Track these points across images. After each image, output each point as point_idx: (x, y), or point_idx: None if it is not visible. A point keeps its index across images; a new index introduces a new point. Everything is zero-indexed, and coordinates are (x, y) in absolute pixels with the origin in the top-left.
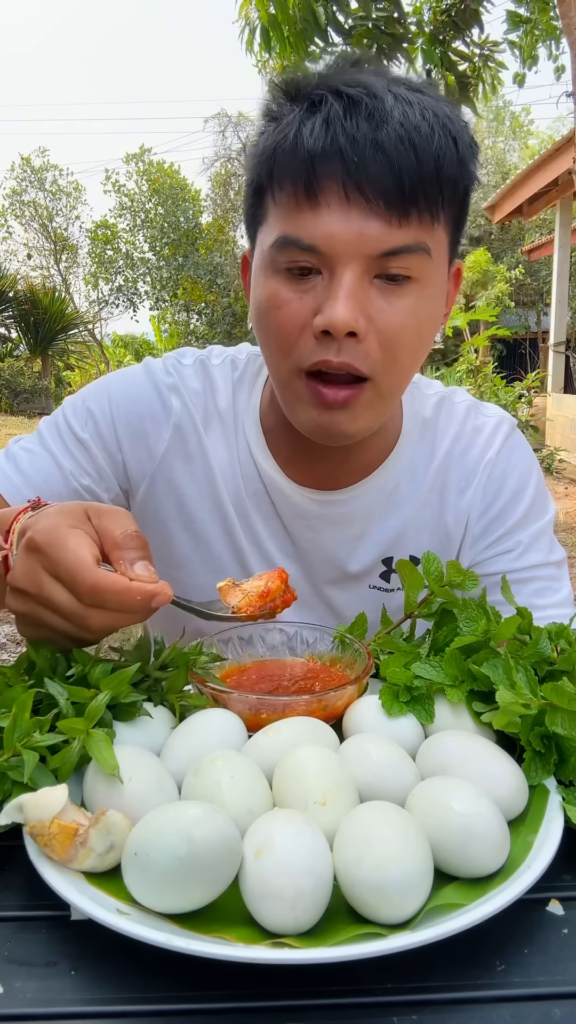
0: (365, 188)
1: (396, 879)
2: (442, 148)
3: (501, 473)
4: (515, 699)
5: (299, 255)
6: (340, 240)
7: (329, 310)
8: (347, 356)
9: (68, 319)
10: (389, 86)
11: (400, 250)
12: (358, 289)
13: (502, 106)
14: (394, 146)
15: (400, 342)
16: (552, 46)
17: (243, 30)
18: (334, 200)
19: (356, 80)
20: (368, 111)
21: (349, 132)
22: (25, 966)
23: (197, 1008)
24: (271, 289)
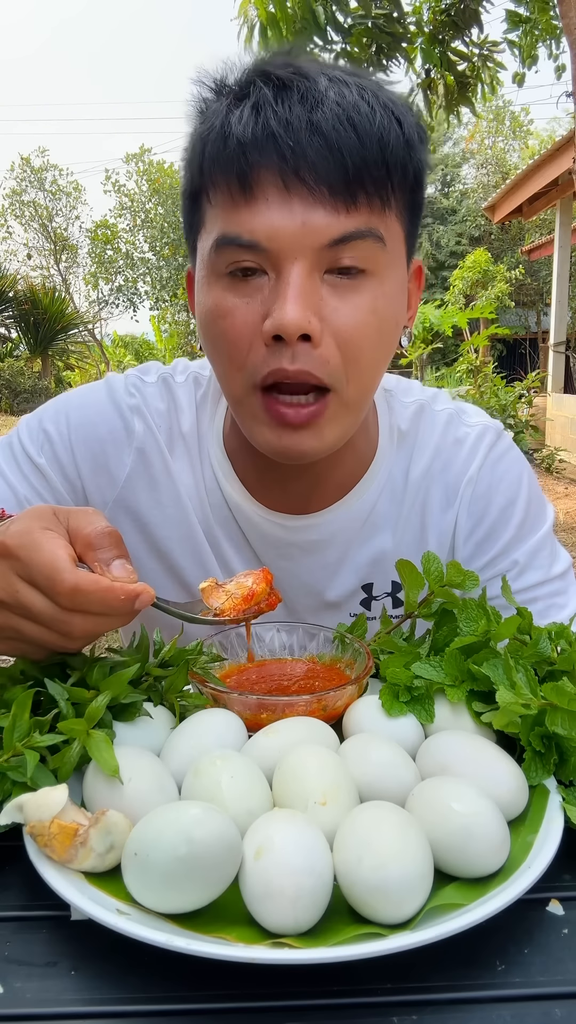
0: (305, 174)
1: (396, 879)
2: (385, 128)
3: (486, 489)
4: (515, 699)
5: (240, 254)
6: (283, 233)
7: (278, 312)
8: (303, 363)
9: (68, 319)
10: (322, 69)
11: (350, 236)
12: (308, 287)
13: (502, 106)
14: (332, 127)
15: (360, 343)
16: (552, 45)
17: (242, 28)
18: (272, 191)
19: (285, 62)
20: (301, 93)
21: (281, 116)
22: (25, 966)
23: (197, 1008)
24: (215, 297)
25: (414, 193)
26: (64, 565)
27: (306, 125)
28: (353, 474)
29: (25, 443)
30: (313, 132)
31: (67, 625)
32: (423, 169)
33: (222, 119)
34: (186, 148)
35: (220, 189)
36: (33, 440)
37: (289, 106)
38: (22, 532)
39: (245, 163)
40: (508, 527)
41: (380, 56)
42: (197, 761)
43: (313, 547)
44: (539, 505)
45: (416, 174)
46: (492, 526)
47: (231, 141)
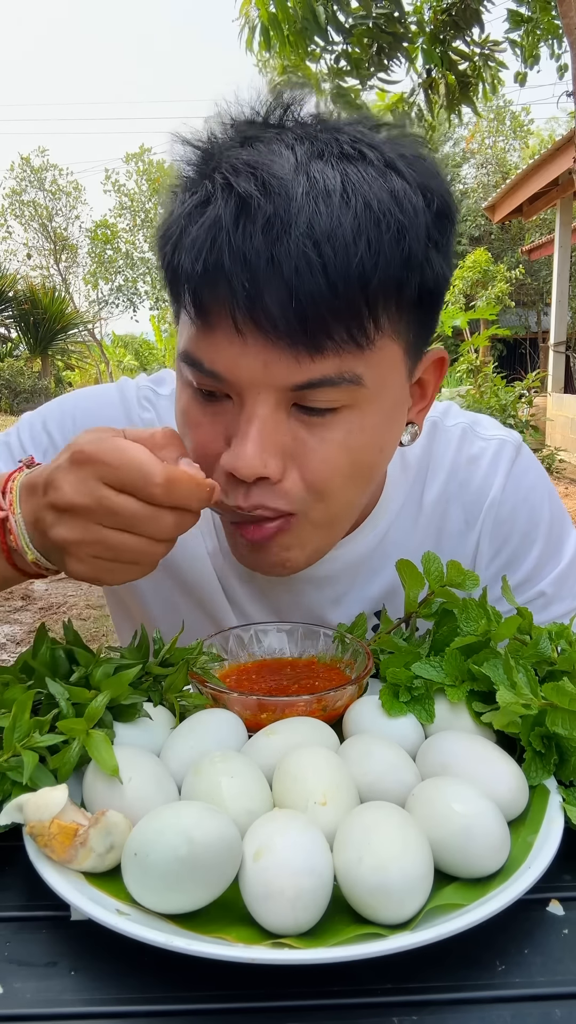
0: (261, 320)
1: (396, 879)
2: (373, 255)
3: (509, 513)
4: (515, 699)
5: (204, 379)
6: (243, 371)
7: (234, 451)
8: (259, 498)
9: (68, 319)
10: (309, 163)
11: (316, 383)
12: (270, 425)
13: (503, 106)
14: (295, 268)
15: (328, 480)
16: (554, 45)
17: (243, 29)
18: (227, 328)
19: (255, 163)
20: (266, 216)
21: (237, 248)
22: (25, 966)
23: (197, 1008)
24: (185, 404)
25: (421, 307)
26: (153, 459)
27: (265, 262)
28: (364, 510)
29: (26, 444)
30: (272, 272)
31: (157, 524)
32: (436, 276)
33: (179, 234)
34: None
35: (181, 304)
36: (35, 442)
37: (249, 234)
38: (97, 439)
39: (198, 295)
40: (530, 555)
41: (381, 56)
42: (197, 761)
43: (322, 582)
44: (562, 530)
45: (425, 289)
46: (515, 552)
47: (182, 269)
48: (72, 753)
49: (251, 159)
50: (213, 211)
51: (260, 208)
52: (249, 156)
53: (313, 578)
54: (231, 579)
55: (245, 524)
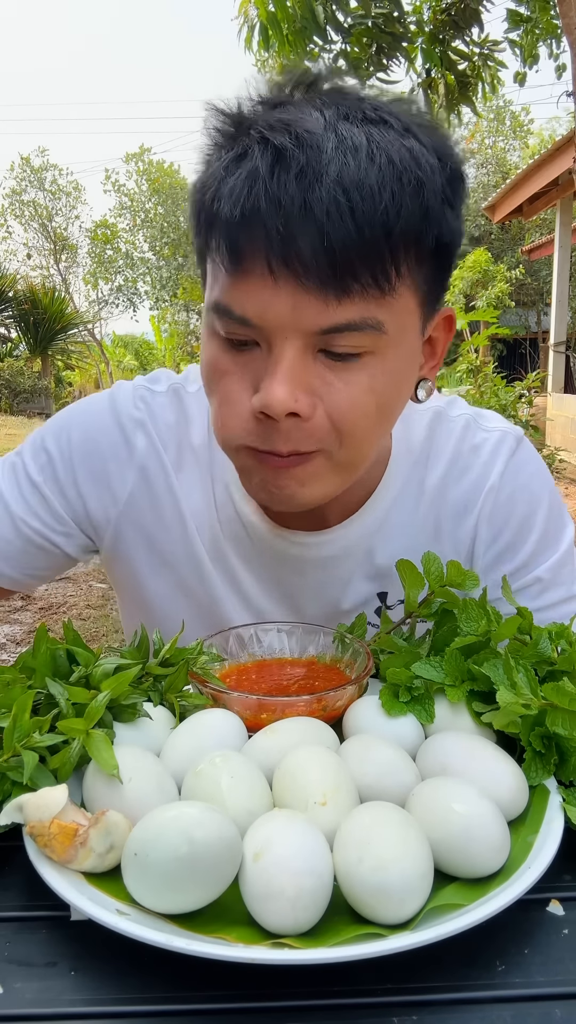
0: (293, 263)
1: (396, 880)
2: (396, 205)
3: (507, 499)
4: (515, 699)
5: (233, 326)
6: (272, 314)
7: (265, 391)
8: (294, 443)
9: (68, 319)
10: (336, 123)
11: (342, 328)
12: (299, 365)
13: (502, 106)
14: (326, 211)
15: (354, 421)
16: (553, 45)
17: (242, 28)
18: (261, 271)
19: (288, 120)
20: (299, 167)
21: (273, 194)
22: (25, 966)
23: (197, 1008)
24: (213, 354)
25: (438, 259)
26: None
27: (299, 207)
28: (366, 488)
29: (27, 461)
30: (305, 217)
31: None
32: (451, 231)
33: (216, 187)
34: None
35: (214, 253)
36: (35, 458)
37: (284, 183)
38: None
39: (234, 241)
40: (527, 542)
41: (380, 56)
42: (197, 761)
43: (327, 562)
44: (559, 520)
45: (441, 242)
46: (512, 539)
47: (220, 215)
48: (72, 753)
49: (284, 118)
50: (250, 163)
51: (294, 158)
52: (282, 115)
53: (318, 559)
54: (233, 563)
55: (270, 455)
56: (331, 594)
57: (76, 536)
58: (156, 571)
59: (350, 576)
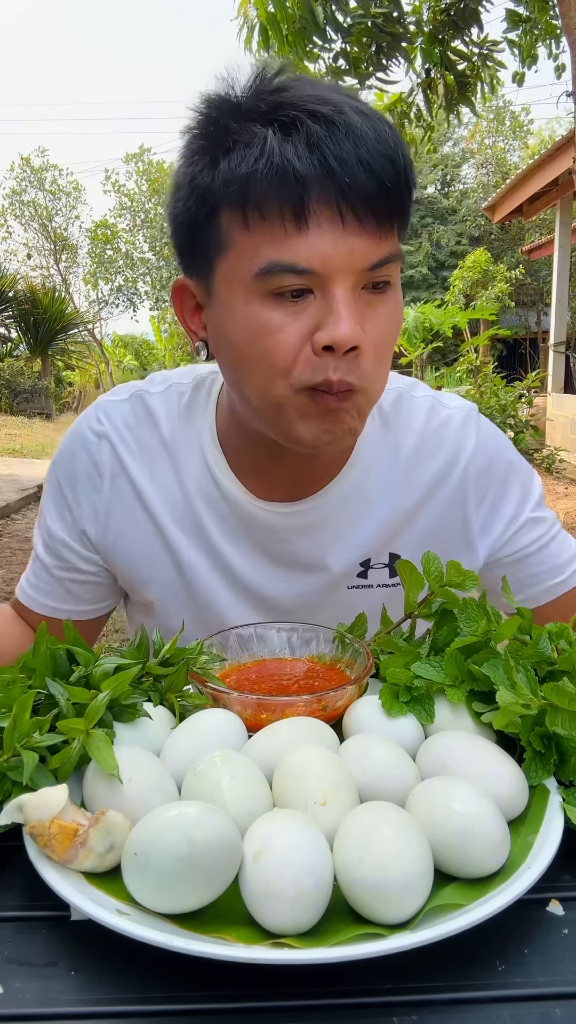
0: (359, 208)
1: (396, 879)
2: (404, 156)
3: (486, 463)
4: (515, 699)
5: (291, 279)
6: (334, 260)
7: (332, 327)
8: (344, 372)
9: (68, 319)
10: (347, 102)
11: (384, 260)
12: (354, 304)
13: (502, 106)
14: (378, 163)
15: (388, 348)
16: (552, 45)
17: (241, 28)
18: (326, 223)
19: (322, 98)
20: (346, 129)
21: (335, 154)
22: (25, 966)
23: (197, 1008)
24: (259, 316)
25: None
26: None
27: (356, 161)
28: (340, 456)
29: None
30: (364, 168)
31: None
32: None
33: (278, 152)
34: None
35: (270, 218)
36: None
37: (339, 142)
38: None
39: (305, 196)
40: (511, 493)
41: (380, 56)
42: (197, 761)
43: (309, 528)
44: (528, 470)
45: (414, 189)
46: (497, 495)
47: (290, 176)
48: (72, 753)
49: (313, 94)
50: (305, 130)
51: (340, 123)
52: (309, 92)
53: (302, 526)
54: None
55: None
56: (316, 558)
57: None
58: (144, 570)
59: (333, 541)
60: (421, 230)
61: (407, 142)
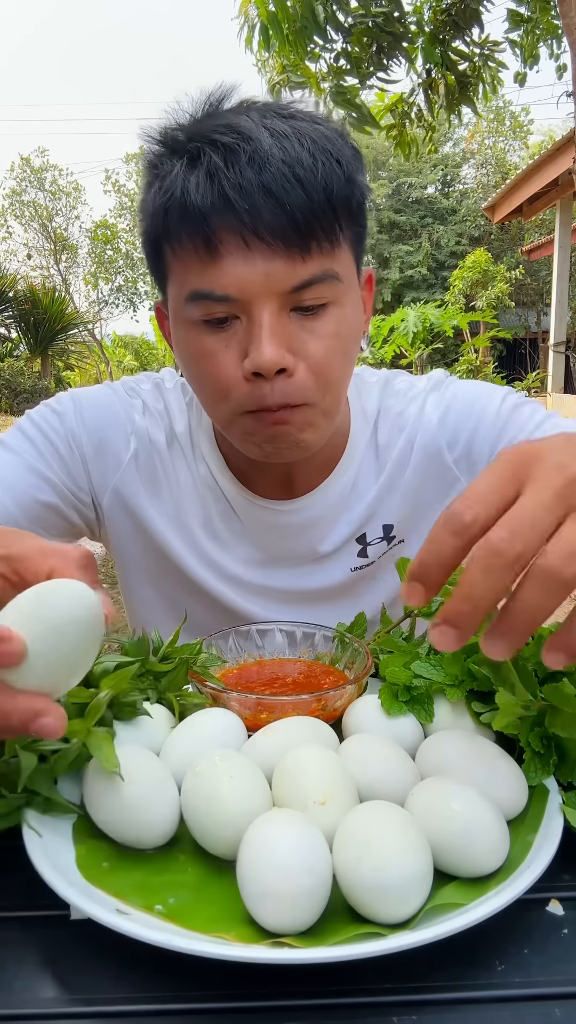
0: (262, 233)
1: (395, 879)
2: (328, 174)
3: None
4: (515, 701)
5: (213, 306)
6: (249, 284)
7: (255, 353)
8: (281, 395)
9: (68, 319)
10: (262, 121)
11: (309, 282)
12: (278, 326)
13: (502, 106)
14: (281, 186)
15: (331, 365)
16: (553, 45)
17: (242, 28)
18: (235, 248)
19: (227, 126)
20: (248, 156)
21: (234, 181)
22: (25, 966)
23: (197, 1008)
24: (194, 341)
25: (359, 218)
26: None
27: (258, 188)
28: (333, 455)
29: (35, 419)
30: (265, 193)
31: None
32: (365, 194)
33: (181, 187)
34: (143, 203)
35: (186, 248)
36: (43, 416)
37: (239, 170)
38: None
39: (208, 228)
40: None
41: (380, 55)
42: (197, 761)
43: (306, 523)
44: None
45: (359, 202)
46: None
47: (192, 208)
48: (71, 752)
49: (221, 123)
50: (206, 161)
51: (243, 150)
52: (218, 122)
53: (299, 522)
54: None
55: (269, 412)
56: (311, 546)
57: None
58: (146, 554)
59: (328, 530)
60: (421, 230)
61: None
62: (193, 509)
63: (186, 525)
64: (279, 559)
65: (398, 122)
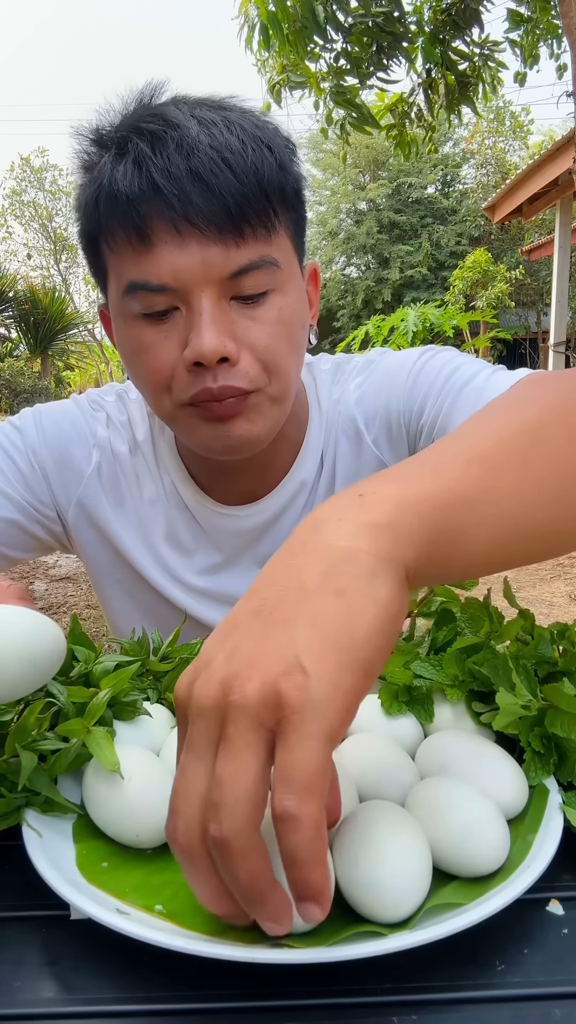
0: (194, 218)
1: (392, 879)
2: (258, 159)
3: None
4: (515, 701)
5: (151, 298)
6: (185, 272)
7: (195, 341)
8: (225, 380)
9: (68, 319)
10: (191, 111)
11: (246, 268)
12: (218, 314)
13: (502, 106)
14: (210, 171)
15: (276, 351)
16: (553, 45)
17: (242, 28)
18: (167, 236)
19: (154, 115)
20: (175, 142)
21: (161, 167)
22: (25, 966)
23: (197, 1008)
24: (133, 335)
25: (296, 205)
26: None
27: (186, 173)
28: (291, 455)
29: None
30: (193, 179)
31: None
32: (300, 182)
33: (108, 177)
34: (76, 199)
35: (119, 239)
36: (5, 432)
37: (167, 156)
38: None
39: (138, 216)
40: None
41: (380, 55)
42: None
43: (266, 525)
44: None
45: (294, 190)
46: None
47: (121, 198)
48: (72, 752)
49: (150, 114)
50: (133, 150)
51: (170, 138)
52: (147, 112)
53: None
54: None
55: (216, 404)
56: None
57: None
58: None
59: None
60: (421, 230)
61: (408, 142)
62: (157, 519)
63: (148, 536)
64: (245, 567)
65: (398, 122)
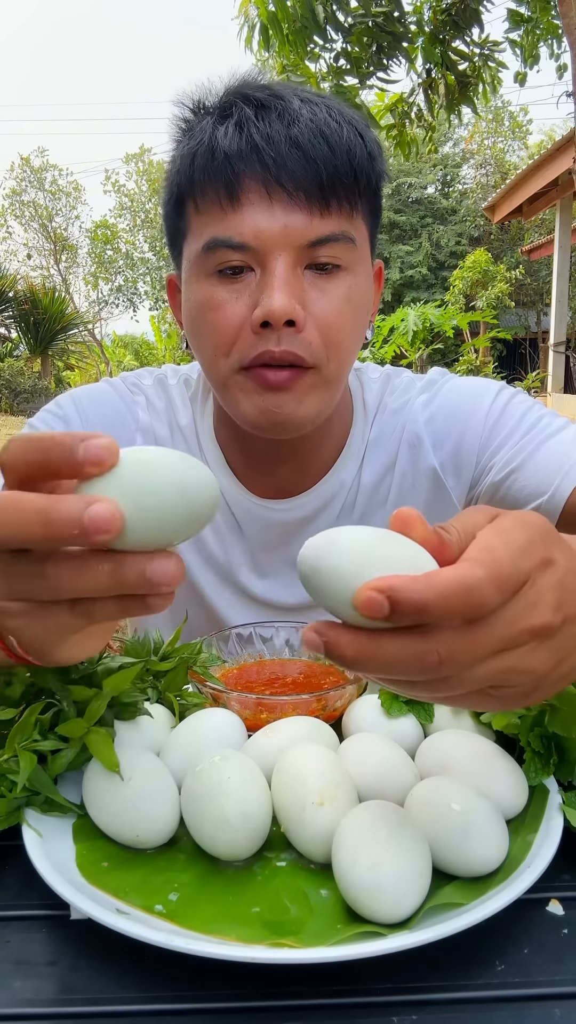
0: (285, 182)
1: (390, 879)
2: (352, 141)
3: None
4: None
5: (229, 254)
6: (267, 234)
7: (266, 301)
8: (288, 345)
9: (68, 319)
10: (295, 91)
11: (326, 239)
12: (291, 279)
13: (501, 106)
14: (308, 140)
15: (339, 328)
16: (553, 45)
17: (242, 28)
18: (256, 197)
19: (260, 86)
20: (278, 111)
21: (263, 131)
22: (25, 966)
23: (197, 1008)
24: (205, 293)
25: (375, 199)
26: None
27: (285, 139)
28: (333, 454)
29: (37, 427)
30: (291, 145)
31: None
32: (382, 178)
33: (209, 135)
34: (171, 162)
35: (209, 198)
36: (45, 421)
37: (269, 123)
38: None
39: (232, 173)
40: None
41: (380, 55)
42: (197, 761)
43: (302, 521)
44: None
45: (377, 182)
46: (457, 443)
47: (219, 154)
48: (72, 752)
49: (257, 85)
50: (237, 113)
51: (274, 107)
52: (254, 84)
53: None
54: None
55: (270, 372)
56: None
57: None
58: None
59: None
60: (421, 230)
61: (408, 142)
62: None
63: None
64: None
65: (398, 122)
